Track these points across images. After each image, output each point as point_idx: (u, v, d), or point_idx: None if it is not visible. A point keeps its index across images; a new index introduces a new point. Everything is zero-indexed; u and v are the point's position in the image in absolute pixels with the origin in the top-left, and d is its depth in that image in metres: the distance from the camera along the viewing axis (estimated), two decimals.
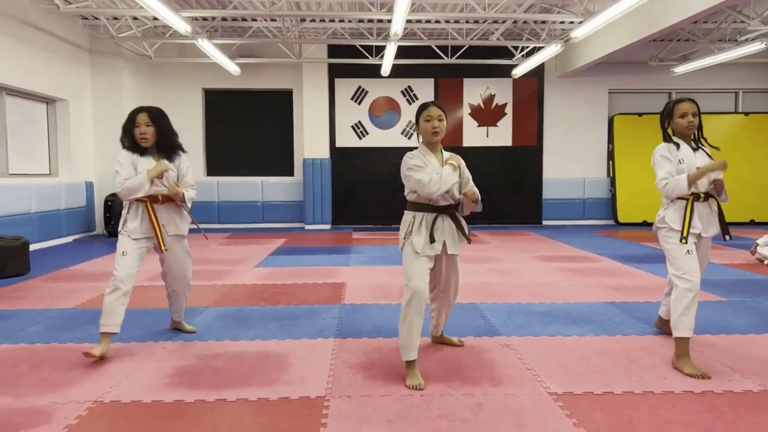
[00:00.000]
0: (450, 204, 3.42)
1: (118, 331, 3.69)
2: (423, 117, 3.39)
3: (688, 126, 3.53)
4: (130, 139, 3.77)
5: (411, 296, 3.20)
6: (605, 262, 7.38)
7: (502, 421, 2.71)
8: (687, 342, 3.36)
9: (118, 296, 3.65)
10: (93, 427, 2.68)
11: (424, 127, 3.38)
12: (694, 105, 3.55)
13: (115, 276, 3.67)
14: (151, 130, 3.74)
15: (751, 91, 12.81)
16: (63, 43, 9.63)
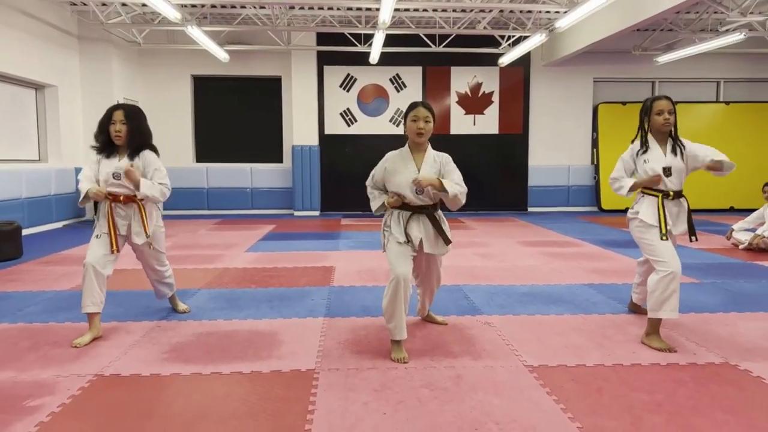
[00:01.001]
0: (426, 204, 3.51)
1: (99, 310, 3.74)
2: (410, 116, 3.46)
3: (664, 123, 3.64)
4: (106, 136, 3.78)
5: (396, 283, 3.29)
6: (587, 247, 7.61)
7: (481, 389, 2.90)
8: (659, 321, 3.55)
9: (89, 277, 3.69)
10: (95, 398, 2.84)
11: (410, 126, 3.46)
12: (670, 103, 3.67)
13: (87, 258, 3.74)
14: (125, 129, 3.73)
15: (732, 80, 13.06)
16: (52, 29, 9.64)
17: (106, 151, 3.82)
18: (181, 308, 4.39)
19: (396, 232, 3.47)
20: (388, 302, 3.34)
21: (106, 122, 3.76)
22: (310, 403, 2.75)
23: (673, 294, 3.47)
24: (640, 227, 3.67)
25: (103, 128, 3.79)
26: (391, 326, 3.36)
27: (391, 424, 2.53)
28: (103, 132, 3.79)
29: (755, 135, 12.64)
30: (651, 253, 3.61)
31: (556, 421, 2.56)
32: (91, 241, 3.83)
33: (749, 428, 2.49)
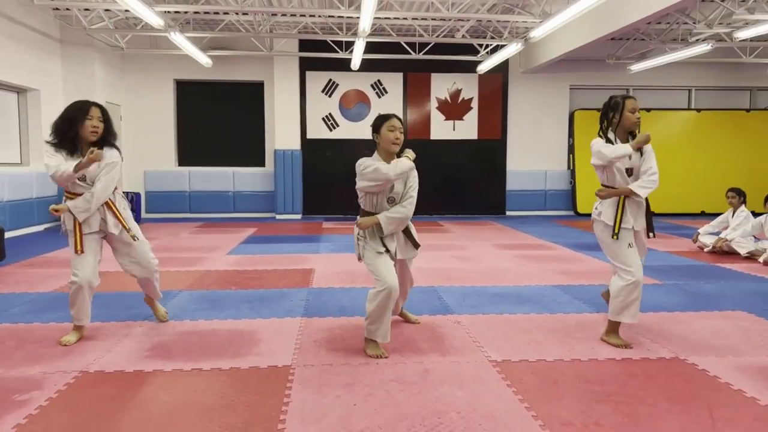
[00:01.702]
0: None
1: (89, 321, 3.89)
2: (386, 126, 3.61)
3: (636, 122, 3.76)
4: (74, 131, 3.64)
5: (387, 293, 3.42)
6: (559, 250, 7.86)
7: (446, 382, 3.10)
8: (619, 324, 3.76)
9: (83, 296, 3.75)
10: (81, 392, 2.99)
11: (387, 136, 3.61)
12: (637, 102, 3.80)
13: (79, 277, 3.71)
14: (102, 126, 3.71)
15: (704, 88, 13.48)
16: (34, 34, 9.70)
17: (68, 149, 3.68)
18: (160, 312, 4.29)
19: (373, 243, 3.61)
20: (377, 309, 3.45)
21: (81, 116, 3.64)
22: (285, 396, 2.93)
23: (634, 301, 3.65)
24: (605, 230, 3.77)
25: (74, 123, 3.64)
26: (374, 328, 3.51)
27: (360, 414, 2.72)
28: (73, 127, 3.64)
29: (726, 141, 13.05)
30: (617, 258, 3.70)
31: (513, 409, 2.77)
32: (78, 258, 3.77)
33: (687, 415, 2.71)
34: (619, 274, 3.70)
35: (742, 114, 13.26)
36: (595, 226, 3.88)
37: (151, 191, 12.32)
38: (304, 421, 2.65)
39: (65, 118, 3.69)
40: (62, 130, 3.69)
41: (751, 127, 13.15)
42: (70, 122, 3.67)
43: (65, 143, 3.70)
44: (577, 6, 7.40)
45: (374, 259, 3.57)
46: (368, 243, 3.65)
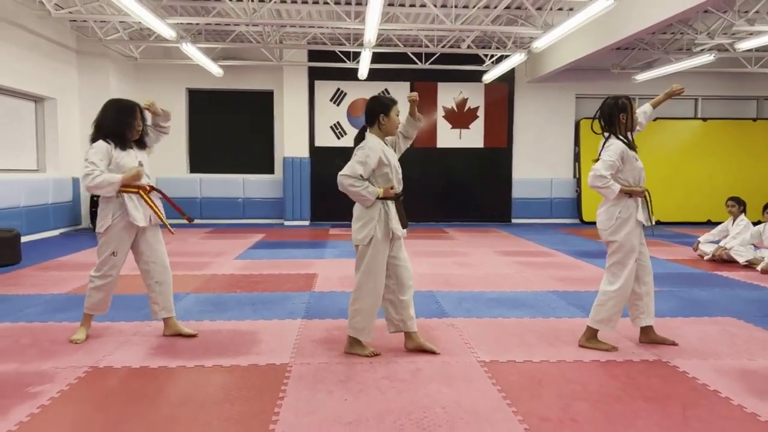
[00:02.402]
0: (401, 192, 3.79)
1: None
2: (395, 110, 3.72)
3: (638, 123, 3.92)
4: (127, 130, 3.90)
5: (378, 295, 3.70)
6: (560, 257, 7.98)
7: (435, 380, 3.26)
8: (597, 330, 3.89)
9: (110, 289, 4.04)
10: (90, 386, 3.18)
11: (395, 120, 3.72)
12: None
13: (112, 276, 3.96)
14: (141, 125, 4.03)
15: (710, 98, 13.55)
16: (51, 44, 10.03)
17: (121, 144, 3.92)
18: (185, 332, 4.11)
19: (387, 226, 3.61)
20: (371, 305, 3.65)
21: (131, 117, 3.94)
22: (281, 392, 3.10)
23: (618, 312, 3.81)
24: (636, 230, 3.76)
25: (126, 122, 3.92)
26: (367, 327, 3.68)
27: (350, 408, 2.89)
28: (123, 125, 3.91)
29: (731, 151, 13.10)
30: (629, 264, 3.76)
31: (495, 406, 2.92)
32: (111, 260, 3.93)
33: (661, 413, 2.85)
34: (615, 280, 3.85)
35: (749, 123, 13.31)
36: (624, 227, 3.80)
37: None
38: (297, 414, 2.82)
39: (118, 119, 3.92)
40: (109, 128, 3.91)
41: (757, 136, 13.18)
42: (120, 121, 3.93)
43: (120, 141, 3.91)
44: (578, 18, 7.56)
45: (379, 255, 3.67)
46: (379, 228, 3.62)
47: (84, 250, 8.19)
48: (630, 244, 3.79)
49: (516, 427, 2.69)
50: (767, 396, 3.07)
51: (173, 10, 9.50)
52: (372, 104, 3.77)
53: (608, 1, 6.75)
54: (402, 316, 3.75)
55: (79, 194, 10.95)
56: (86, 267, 6.86)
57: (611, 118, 3.84)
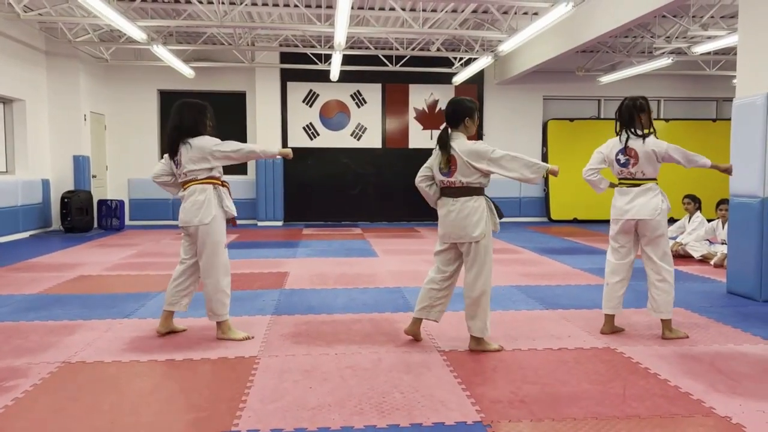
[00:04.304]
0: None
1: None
2: (476, 114, 3.87)
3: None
4: (203, 129, 4.16)
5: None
6: (526, 254, 8.25)
7: (395, 369, 3.45)
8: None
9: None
10: (63, 380, 3.30)
11: (476, 123, 3.90)
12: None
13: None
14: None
15: (672, 99, 14.00)
16: (19, 46, 9.98)
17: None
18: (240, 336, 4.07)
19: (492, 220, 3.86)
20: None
21: (205, 117, 4.21)
22: (249, 381, 3.25)
23: None
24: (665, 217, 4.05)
25: (201, 121, 4.20)
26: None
27: (314, 395, 3.05)
28: (203, 127, 4.22)
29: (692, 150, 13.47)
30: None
31: (450, 390, 3.12)
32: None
33: (603, 393, 3.08)
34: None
35: (709, 124, 13.79)
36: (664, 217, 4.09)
37: (135, 199, 12.58)
38: (263, 401, 2.98)
39: (208, 117, 4.22)
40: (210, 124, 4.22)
41: (716, 136, 13.63)
42: (210, 119, 4.24)
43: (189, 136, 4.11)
44: (540, 22, 7.82)
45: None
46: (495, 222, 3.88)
47: (54, 252, 8.21)
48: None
49: (468, 409, 2.88)
50: (702, 377, 3.31)
51: (144, 12, 9.55)
52: (456, 107, 3.88)
53: (567, 6, 7.02)
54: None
55: (49, 196, 10.90)
56: (56, 267, 6.91)
57: (631, 118, 4.10)
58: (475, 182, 3.78)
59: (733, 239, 5.75)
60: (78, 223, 10.60)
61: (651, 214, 4.02)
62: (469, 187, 3.79)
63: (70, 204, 10.54)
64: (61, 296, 5.42)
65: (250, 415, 2.81)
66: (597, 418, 2.77)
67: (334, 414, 2.82)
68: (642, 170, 4.10)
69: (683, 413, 2.84)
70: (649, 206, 4.03)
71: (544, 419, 2.76)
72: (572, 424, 2.71)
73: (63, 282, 6.10)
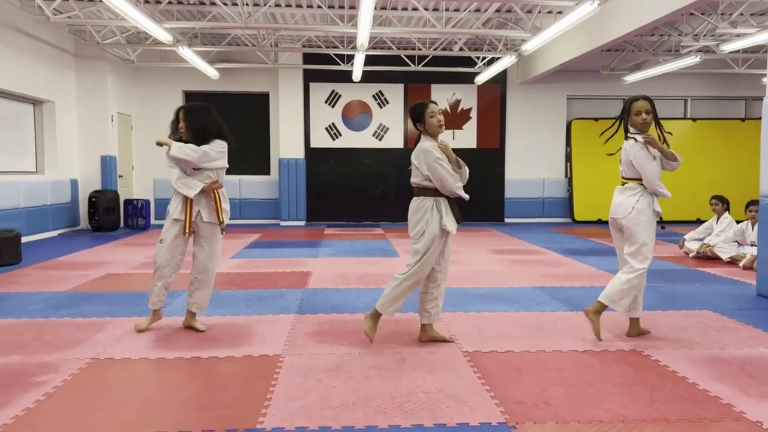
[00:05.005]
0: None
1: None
2: (428, 114, 3.80)
3: (642, 123, 4.01)
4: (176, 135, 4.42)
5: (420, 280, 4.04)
6: (549, 255, 8.17)
7: (419, 369, 3.45)
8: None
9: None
10: (92, 375, 3.36)
11: (431, 122, 3.84)
12: (647, 103, 4.01)
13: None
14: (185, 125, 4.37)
15: (699, 98, 13.76)
16: (50, 48, 10.19)
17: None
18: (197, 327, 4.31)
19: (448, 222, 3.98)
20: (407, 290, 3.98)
21: (176, 121, 4.35)
22: (273, 380, 3.28)
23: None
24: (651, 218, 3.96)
25: (173, 127, 4.38)
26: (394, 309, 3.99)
27: (338, 394, 3.07)
28: (174, 131, 4.39)
29: (721, 150, 13.30)
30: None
31: (474, 391, 3.11)
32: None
33: (629, 396, 3.04)
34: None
35: (738, 123, 13.52)
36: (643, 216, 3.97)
37: (160, 198, 12.74)
38: (287, 399, 3.00)
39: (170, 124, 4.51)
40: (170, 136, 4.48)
41: (745, 136, 13.38)
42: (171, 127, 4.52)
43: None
44: (564, 21, 7.75)
45: (435, 244, 4.04)
46: (446, 223, 3.99)
47: (82, 251, 8.36)
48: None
49: (493, 410, 2.87)
50: (732, 381, 3.25)
51: (170, 14, 9.68)
52: (411, 112, 3.96)
53: (593, 5, 6.94)
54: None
55: (78, 196, 11.11)
56: (84, 266, 7.04)
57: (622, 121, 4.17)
58: (421, 183, 3.86)
59: (763, 241, 5.62)
60: (105, 222, 10.78)
61: (623, 213, 4.00)
62: (418, 186, 3.89)
63: (97, 203, 10.73)
64: (89, 294, 5.52)
65: (275, 413, 2.83)
66: (624, 421, 2.74)
67: (359, 413, 2.83)
68: (623, 170, 4.13)
69: (712, 417, 2.79)
70: (624, 205, 4.02)
71: (569, 421, 2.74)
72: (598, 426, 2.69)
73: (91, 280, 6.21)
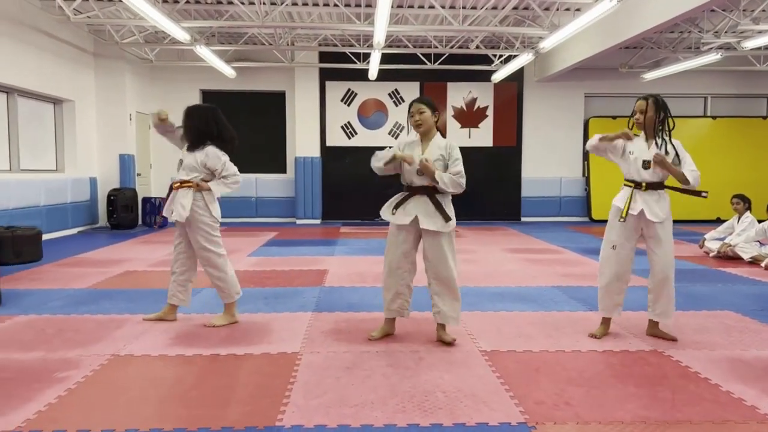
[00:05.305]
0: (424, 185, 4.01)
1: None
2: (409, 114, 4.09)
3: (636, 122, 4.07)
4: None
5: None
6: (566, 254, 8.11)
7: (436, 368, 3.43)
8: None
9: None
10: (113, 371, 3.39)
11: (410, 122, 4.09)
12: (643, 103, 3.98)
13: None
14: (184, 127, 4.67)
15: (719, 96, 13.56)
16: (70, 48, 10.30)
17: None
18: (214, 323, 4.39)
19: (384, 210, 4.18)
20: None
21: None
22: (291, 377, 3.28)
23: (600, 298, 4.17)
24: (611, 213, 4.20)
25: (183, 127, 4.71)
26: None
27: (356, 392, 3.06)
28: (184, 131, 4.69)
29: (741, 148, 13.11)
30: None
31: (493, 390, 3.09)
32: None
33: (651, 397, 3.00)
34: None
35: (759, 121, 13.31)
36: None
37: None
38: (306, 396, 3.00)
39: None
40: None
41: (767, 134, 13.18)
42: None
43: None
44: (583, 18, 7.68)
45: (389, 235, 4.25)
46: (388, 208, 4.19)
47: (101, 248, 8.46)
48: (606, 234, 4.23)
49: (512, 410, 2.85)
50: (755, 383, 3.20)
51: (187, 13, 9.75)
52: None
53: (612, 2, 6.87)
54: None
55: (96, 194, 11.23)
56: (103, 263, 7.12)
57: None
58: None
59: None
60: (123, 220, 10.88)
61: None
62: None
63: (116, 201, 10.84)
64: (108, 291, 5.58)
65: (294, 410, 2.83)
66: (645, 423, 2.70)
67: (377, 411, 2.83)
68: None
69: (736, 419, 2.75)
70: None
71: (590, 422, 2.71)
72: (620, 427, 2.66)
73: (110, 277, 6.27)
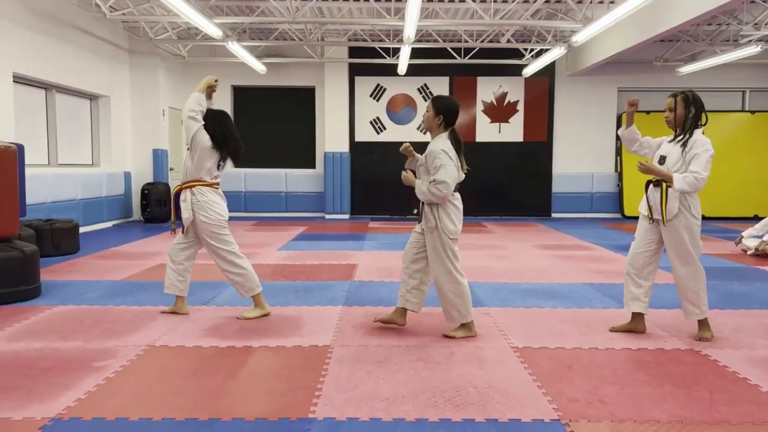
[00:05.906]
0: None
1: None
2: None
3: (666, 120, 4.08)
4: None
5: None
6: (598, 251, 7.99)
7: (467, 363, 3.42)
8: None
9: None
10: (149, 361, 3.46)
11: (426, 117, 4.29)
12: (672, 100, 3.97)
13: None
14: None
15: (758, 90, 13.18)
16: (105, 45, 10.52)
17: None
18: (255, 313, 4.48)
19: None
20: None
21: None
22: (323, 370, 3.31)
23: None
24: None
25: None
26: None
27: (387, 386, 3.07)
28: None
29: None
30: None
31: (525, 387, 3.06)
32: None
33: (687, 398, 2.94)
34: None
35: None
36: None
37: None
38: (337, 389, 3.02)
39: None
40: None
41: None
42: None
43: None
44: (618, 11, 7.54)
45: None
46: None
47: (135, 241, 8.63)
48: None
49: (545, 407, 2.82)
50: None
51: (219, 10, 9.85)
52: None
53: None
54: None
55: (131, 188, 11.46)
56: (138, 256, 7.26)
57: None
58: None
59: None
60: (157, 213, 11.08)
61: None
62: None
63: (149, 196, 11.04)
64: (143, 283, 5.69)
65: (326, 403, 2.85)
66: (682, 422, 2.65)
67: (408, 405, 2.83)
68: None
69: None
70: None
71: (625, 420, 2.67)
72: (656, 427, 2.61)
73: (145, 269, 6.40)
